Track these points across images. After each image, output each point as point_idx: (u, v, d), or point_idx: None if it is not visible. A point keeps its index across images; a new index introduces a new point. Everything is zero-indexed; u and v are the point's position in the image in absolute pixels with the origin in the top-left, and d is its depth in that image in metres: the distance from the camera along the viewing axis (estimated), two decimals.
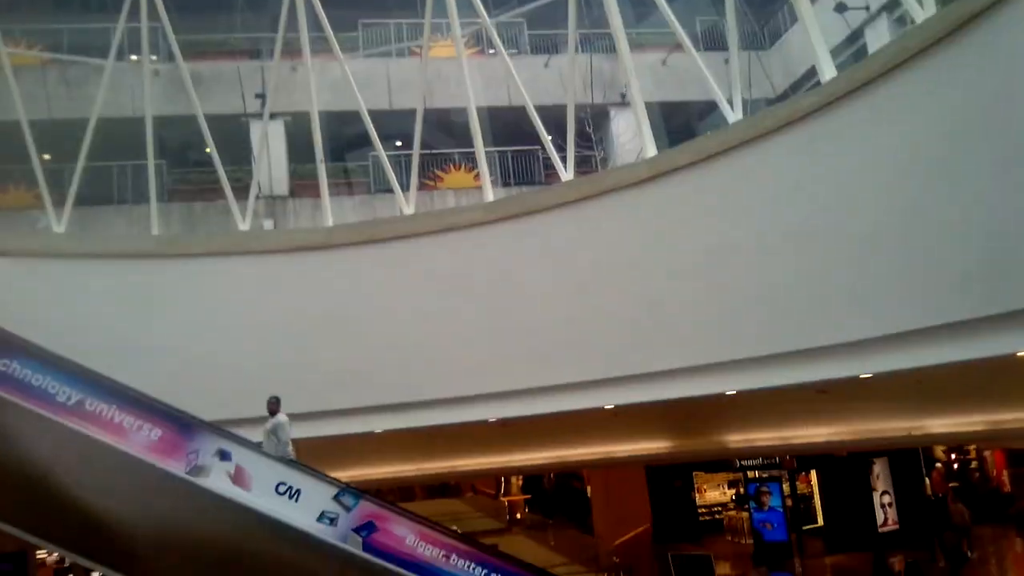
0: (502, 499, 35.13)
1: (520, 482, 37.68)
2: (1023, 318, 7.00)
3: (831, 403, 13.34)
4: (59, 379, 9.39)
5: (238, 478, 9.46)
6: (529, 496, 36.81)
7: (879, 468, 22.08)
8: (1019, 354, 7.51)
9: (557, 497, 33.56)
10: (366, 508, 9.49)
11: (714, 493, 28.02)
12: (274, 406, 9.62)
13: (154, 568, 9.49)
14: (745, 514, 24.01)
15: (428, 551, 9.36)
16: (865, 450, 20.43)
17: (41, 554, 16.66)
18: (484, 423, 12.25)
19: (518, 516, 33.14)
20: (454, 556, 9.37)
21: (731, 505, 26.87)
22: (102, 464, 9.05)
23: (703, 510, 27.61)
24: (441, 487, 42.67)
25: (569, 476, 31.64)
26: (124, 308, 11.72)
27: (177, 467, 9.21)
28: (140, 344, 11.17)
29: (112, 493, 9.15)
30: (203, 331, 11.53)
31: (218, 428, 9.61)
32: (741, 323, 9.54)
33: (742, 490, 25.01)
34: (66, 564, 16.88)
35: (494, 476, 32.94)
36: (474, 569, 9.34)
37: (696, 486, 27.60)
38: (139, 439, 9.33)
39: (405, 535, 9.42)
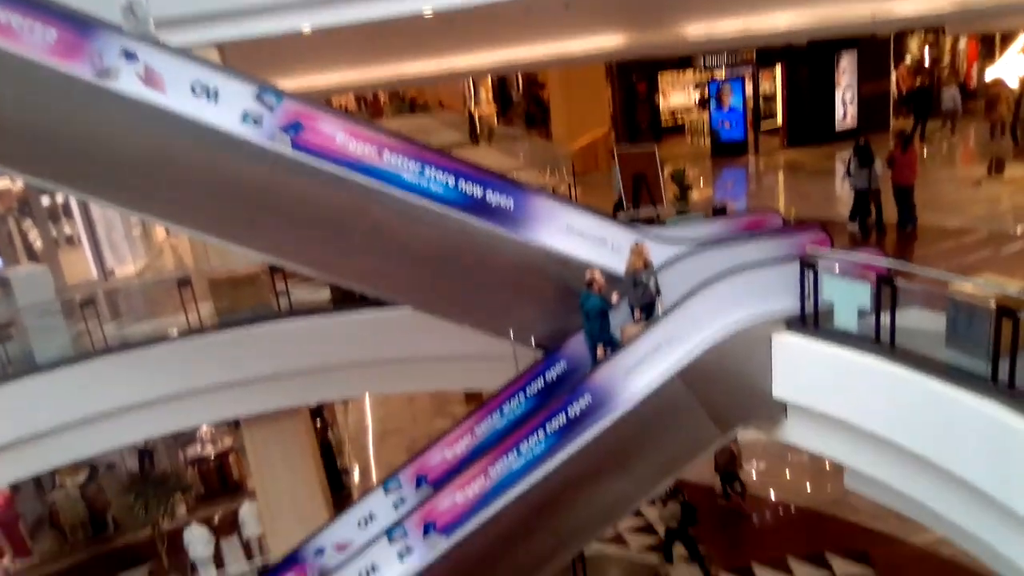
0: (470, 110, 34.97)
1: (489, 96, 37.26)
2: None
3: None
4: None
5: (149, 79, 8.90)
6: (497, 109, 36.62)
7: (846, 62, 21.59)
8: None
9: (524, 106, 33.38)
10: (291, 106, 9.07)
11: (679, 97, 27.85)
12: None
13: (88, 178, 9.37)
14: (707, 115, 24.07)
15: (359, 148, 9.18)
16: (830, 40, 19.65)
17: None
18: (421, 17, 11.35)
19: (488, 130, 33.25)
20: (386, 152, 9.22)
21: (695, 109, 26.87)
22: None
23: (666, 115, 27.65)
24: (409, 104, 42.42)
25: (535, 84, 31.11)
26: None
27: (83, 70, 8.60)
28: None
29: (20, 102, 8.67)
30: None
31: (115, 26, 8.77)
32: None
33: (706, 93, 24.78)
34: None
35: (449, 81, 32.22)
36: (408, 164, 9.26)
37: (660, 88, 27.28)
38: (33, 41, 8.57)
39: (334, 133, 9.15)
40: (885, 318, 7.50)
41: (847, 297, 7.90)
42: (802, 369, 8.34)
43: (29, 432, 10.72)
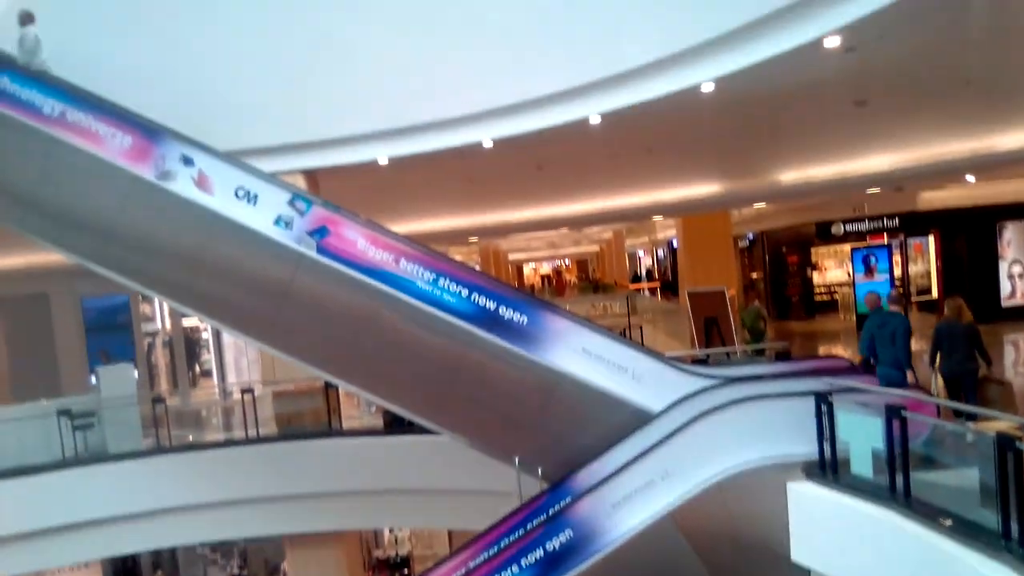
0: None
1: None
2: None
3: (878, 121, 11.54)
4: (42, 92, 9.79)
5: (201, 183, 9.69)
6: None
7: (1010, 234, 19.43)
8: None
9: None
10: (319, 212, 9.46)
11: (835, 272, 26.23)
12: (24, 20, 9.72)
13: (134, 266, 10.10)
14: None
15: (378, 255, 9.30)
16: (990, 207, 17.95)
17: None
18: (482, 148, 11.60)
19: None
20: (403, 260, 9.25)
21: (848, 283, 25.20)
22: (84, 170, 9.50)
23: (821, 289, 26.06)
24: (593, 286, 41.88)
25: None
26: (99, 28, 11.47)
27: (147, 172, 9.54)
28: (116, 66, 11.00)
29: (91, 196, 9.69)
30: (184, 55, 11.32)
31: (181, 134, 9.69)
32: None
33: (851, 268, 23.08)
34: None
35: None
36: (423, 274, 9.21)
37: (814, 262, 25.93)
38: (113, 146, 9.67)
39: (356, 239, 9.38)
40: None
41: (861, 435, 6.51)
42: (831, 529, 6.85)
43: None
